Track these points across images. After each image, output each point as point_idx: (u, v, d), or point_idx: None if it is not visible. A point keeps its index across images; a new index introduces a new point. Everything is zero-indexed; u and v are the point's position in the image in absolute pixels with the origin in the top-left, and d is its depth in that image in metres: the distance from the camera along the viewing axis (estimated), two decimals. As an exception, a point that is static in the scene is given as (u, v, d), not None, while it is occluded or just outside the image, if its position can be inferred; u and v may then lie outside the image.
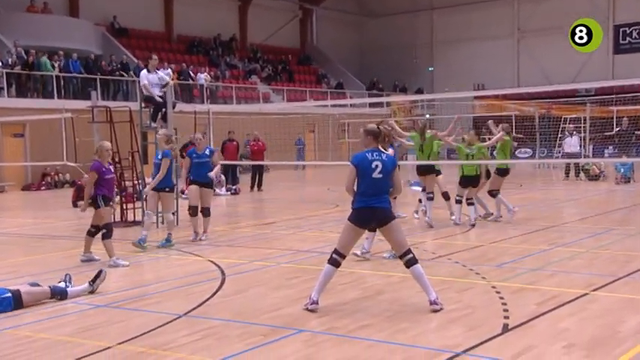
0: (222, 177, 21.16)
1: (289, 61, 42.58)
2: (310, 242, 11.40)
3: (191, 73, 32.14)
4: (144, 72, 14.39)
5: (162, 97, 14.10)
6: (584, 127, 28.41)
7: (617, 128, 26.03)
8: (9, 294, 7.10)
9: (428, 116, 34.06)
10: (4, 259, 10.54)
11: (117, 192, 10.76)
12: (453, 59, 45.45)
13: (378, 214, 6.79)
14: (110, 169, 9.98)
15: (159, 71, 14.68)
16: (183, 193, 15.24)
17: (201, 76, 32.15)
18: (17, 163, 24.94)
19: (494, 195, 13.36)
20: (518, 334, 5.94)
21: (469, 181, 12.87)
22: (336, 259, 6.85)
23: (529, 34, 43.86)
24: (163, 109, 14.12)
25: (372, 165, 6.77)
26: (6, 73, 25.22)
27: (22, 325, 6.66)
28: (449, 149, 13.87)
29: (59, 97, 26.15)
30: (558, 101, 33.52)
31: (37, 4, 30.42)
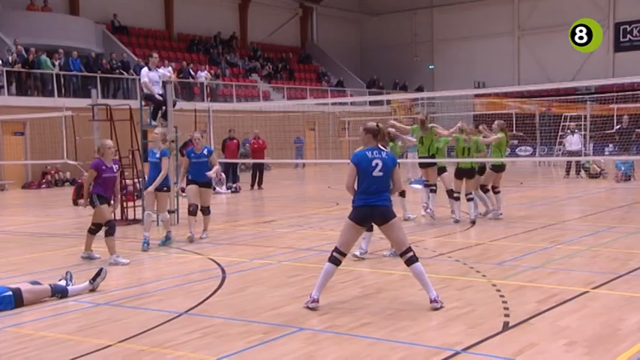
0: (223, 175, 21.15)
1: (289, 59, 42.58)
2: (311, 240, 11.40)
3: (191, 71, 32.15)
4: (145, 69, 14.38)
5: (162, 96, 14.09)
6: (585, 125, 28.39)
7: (618, 126, 26.00)
8: (10, 292, 7.11)
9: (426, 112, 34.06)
10: (5, 257, 10.56)
11: (119, 192, 10.50)
12: (454, 57, 45.44)
13: (379, 212, 6.79)
14: (112, 168, 9.77)
15: (159, 69, 14.68)
16: (183, 191, 15.24)
17: (202, 75, 32.16)
18: (17, 161, 24.93)
19: (485, 191, 13.37)
20: (518, 331, 5.94)
21: (464, 172, 12.94)
22: (336, 258, 6.85)
23: (529, 31, 43.84)
24: (164, 108, 14.11)
25: (373, 163, 6.77)
26: (6, 71, 25.24)
27: (23, 323, 6.67)
28: (449, 147, 13.85)
29: (59, 95, 26.20)
30: (559, 99, 33.52)
31: (37, 2, 30.43)
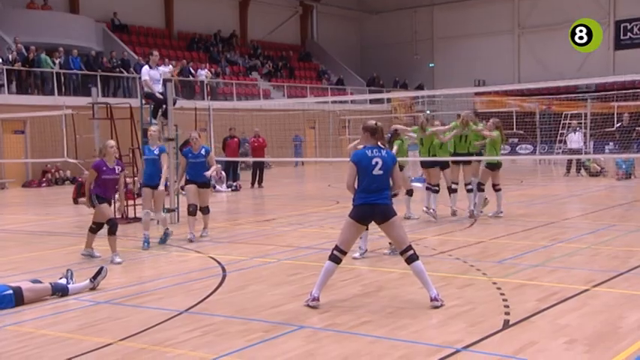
0: (223, 173, 21.15)
1: (290, 57, 42.56)
2: (311, 239, 11.40)
3: (191, 69, 32.13)
4: (145, 68, 14.37)
5: (162, 94, 14.09)
6: (585, 123, 28.36)
7: (618, 124, 25.96)
8: (10, 291, 7.12)
9: (428, 112, 34.07)
10: (5, 255, 10.57)
11: (122, 192, 10.46)
12: (454, 55, 45.43)
13: (379, 211, 6.80)
14: (114, 169, 9.75)
15: (160, 67, 14.67)
16: (182, 189, 15.23)
17: (202, 73, 32.15)
18: (17, 159, 24.94)
19: (481, 189, 13.31)
20: (519, 329, 5.95)
21: (460, 156, 12.94)
22: (336, 256, 6.86)
23: (529, 29, 43.83)
24: (164, 106, 14.11)
25: (372, 162, 6.77)
26: (6, 69, 25.23)
27: (24, 321, 6.68)
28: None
29: (59, 93, 26.19)
30: (559, 97, 33.48)
31: (37, 0, 30.40)
